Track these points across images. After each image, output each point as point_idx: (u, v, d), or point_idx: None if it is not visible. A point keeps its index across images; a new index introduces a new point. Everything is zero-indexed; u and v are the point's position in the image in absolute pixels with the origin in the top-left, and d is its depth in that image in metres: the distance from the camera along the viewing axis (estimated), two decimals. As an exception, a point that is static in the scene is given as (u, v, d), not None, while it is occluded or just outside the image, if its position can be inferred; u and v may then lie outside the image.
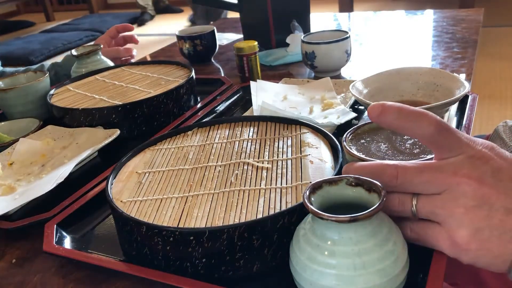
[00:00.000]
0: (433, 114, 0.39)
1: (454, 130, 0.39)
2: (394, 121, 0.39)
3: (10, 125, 0.87)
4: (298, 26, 1.17)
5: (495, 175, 0.36)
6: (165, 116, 0.85)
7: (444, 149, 0.38)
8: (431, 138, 0.39)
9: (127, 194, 0.56)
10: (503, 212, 0.36)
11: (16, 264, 0.56)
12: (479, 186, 0.36)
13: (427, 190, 0.38)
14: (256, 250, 0.47)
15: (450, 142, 0.38)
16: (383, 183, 0.40)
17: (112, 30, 1.18)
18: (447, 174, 0.37)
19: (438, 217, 0.38)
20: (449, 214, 0.37)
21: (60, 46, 4.19)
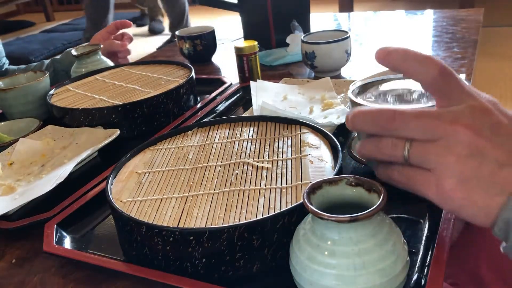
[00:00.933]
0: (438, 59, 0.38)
1: (458, 79, 0.38)
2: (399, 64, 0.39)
3: (10, 125, 0.87)
4: (298, 26, 1.17)
5: (493, 129, 0.36)
6: (165, 116, 0.85)
7: (446, 97, 0.38)
8: (433, 83, 0.38)
9: (127, 194, 0.56)
10: (495, 165, 0.35)
11: (16, 264, 0.56)
12: (476, 137, 0.35)
13: (423, 135, 0.37)
14: (256, 250, 0.47)
15: (452, 89, 0.37)
16: (380, 125, 0.39)
17: (110, 26, 1.18)
18: (445, 122, 0.36)
19: (429, 163, 0.37)
20: (441, 161, 0.36)
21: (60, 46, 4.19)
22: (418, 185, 0.39)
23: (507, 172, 0.35)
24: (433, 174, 0.37)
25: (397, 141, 0.38)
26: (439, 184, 0.37)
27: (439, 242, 0.47)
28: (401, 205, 0.57)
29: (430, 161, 0.37)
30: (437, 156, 0.36)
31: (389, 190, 0.41)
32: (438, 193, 0.37)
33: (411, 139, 0.38)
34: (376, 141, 0.40)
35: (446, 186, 0.36)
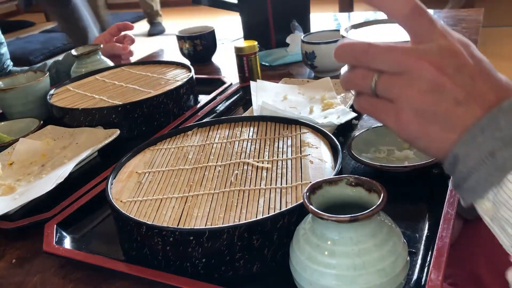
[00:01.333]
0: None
1: (430, 17, 0.39)
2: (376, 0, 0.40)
3: (10, 125, 0.87)
4: (298, 26, 1.17)
5: (457, 69, 0.37)
6: (165, 116, 0.85)
7: (417, 34, 0.39)
8: (405, 20, 0.40)
9: (127, 194, 0.56)
10: (452, 103, 0.37)
11: (16, 264, 0.56)
12: (438, 74, 0.37)
13: (391, 68, 0.39)
14: (256, 250, 0.47)
15: (423, 27, 0.39)
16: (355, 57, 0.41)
17: (113, 28, 1.18)
18: (412, 57, 0.38)
19: (391, 94, 0.39)
20: (402, 93, 0.38)
21: (60, 46, 4.18)
22: (380, 114, 0.41)
23: (462, 110, 0.37)
24: (394, 105, 0.39)
25: (367, 72, 0.40)
26: (398, 115, 0.39)
27: (439, 242, 0.47)
28: (401, 205, 0.57)
29: (393, 92, 0.39)
30: (399, 89, 0.38)
31: (389, 190, 0.41)
32: (396, 123, 0.39)
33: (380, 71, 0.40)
34: (350, 74, 0.42)
35: (403, 117, 0.38)
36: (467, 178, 0.36)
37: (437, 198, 0.55)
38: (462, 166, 0.36)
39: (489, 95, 0.36)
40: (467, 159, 0.36)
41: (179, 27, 1.27)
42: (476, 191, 0.36)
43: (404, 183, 0.62)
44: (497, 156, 0.35)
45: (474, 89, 0.37)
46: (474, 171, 0.36)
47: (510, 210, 0.35)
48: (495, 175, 0.35)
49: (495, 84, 0.37)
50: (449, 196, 0.53)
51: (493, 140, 0.35)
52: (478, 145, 0.35)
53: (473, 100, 0.36)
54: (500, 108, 0.35)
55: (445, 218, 0.50)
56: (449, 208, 0.51)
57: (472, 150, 0.36)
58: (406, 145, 0.66)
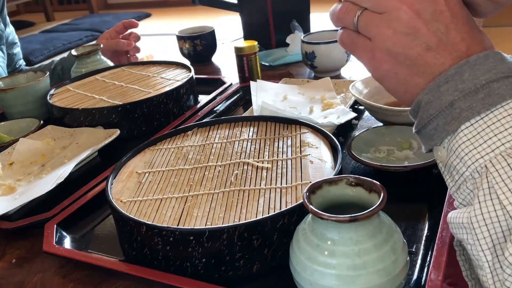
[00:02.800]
0: None
1: None
2: None
3: (10, 125, 0.87)
4: (298, 26, 1.17)
5: (434, 15, 0.38)
6: (165, 116, 0.85)
7: None
8: None
9: (127, 194, 0.56)
10: (423, 47, 0.38)
11: (16, 264, 0.56)
12: (415, 17, 0.38)
13: (373, 7, 0.40)
14: (256, 250, 0.47)
15: None
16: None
17: (119, 25, 1.19)
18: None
19: (370, 32, 0.40)
20: (379, 32, 0.39)
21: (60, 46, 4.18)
22: (358, 50, 0.42)
23: (431, 56, 0.38)
24: (371, 42, 0.40)
25: (352, 7, 0.42)
26: (373, 52, 0.40)
27: (439, 242, 0.47)
28: (401, 205, 0.57)
29: (372, 30, 0.40)
30: (377, 27, 0.40)
31: (389, 190, 0.41)
32: (370, 60, 0.41)
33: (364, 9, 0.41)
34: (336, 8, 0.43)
35: (377, 55, 0.40)
36: (427, 125, 0.38)
37: (437, 198, 0.55)
38: (423, 112, 0.38)
39: (460, 46, 0.38)
40: (429, 106, 0.38)
41: (179, 27, 1.27)
42: (433, 138, 0.38)
43: (404, 183, 0.62)
44: (455, 106, 0.36)
45: (447, 38, 0.38)
46: (433, 119, 0.37)
47: (458, 157, 0.36)
48: (451, 124, 0.36)
49: (469, 36, 0.38)
50: (449, 196, 0.53)
51: (455, 91, 0.36)
52: (440, 94, 0.37)
53: (443, 48, 0.38)
54: (467, 61, 0.37)
55: (445, 218, 0.50)
56: (449, 208, 0.51)
57: (434, 99, 0.37)
58: (406, 145, 0.66)
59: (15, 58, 1.29)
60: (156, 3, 5.68)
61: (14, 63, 1.29)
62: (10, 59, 1.27)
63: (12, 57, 1.28)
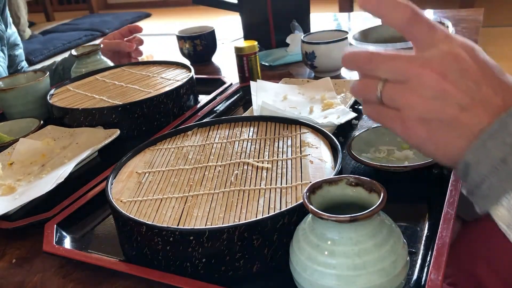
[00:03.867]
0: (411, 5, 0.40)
1: (430, 23, 0.39)
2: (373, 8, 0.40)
3: (10, 125, 0.87)
4: (298, 26, 1.17)
5: (461, 74, 0.37)
6: (165, 116, 0.85)
7: (418, 41, 0.39)
8: (405, 28, 0.40)
9: (127, 194, 0.56)
10: (457, 109, 0.36)
11: (16, 264, 0.56)
12: (441, 80, 0.37)
13: (394, 77, 0.39)
14: (256, 250, 0.47)
15: (424, 34, 0.39)
16: (359, 66, 0.41)
17: (124, 29, 1.20)
18: (415, 65, 0.38)
19: (397, 103, 0.39)
20: (407, 102, 0.38)
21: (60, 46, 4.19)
22: (387, 122, 0.41)
23: (468, 116, 0.36)
24: (400, 113, 0.39)
25: (372, 82, 0.41)
26: (404, 122, 0.39)
27: (439, 242, 0.47)
28: (401, 205, 0.57)
29: (398, 101, 0.39)
30: (404, 97, 0.38)
31: (389, 190, 0.41)
32: (403, 130, 0.40)
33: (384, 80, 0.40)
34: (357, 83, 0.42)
35: (410, 125, 0.39)
36: (480, 185, 0.36)
37: (437, 198, 0.55)
38: (474, 173, 0.36)
39: (494, 100, 0.36)
40: (479, 166, 0.36)
41: (179, 27, 1.27)
42: (490, 198, 0.35)
43: (404, 183, 0.62)
44: (509, 162, 0.34)
45: (479, 94, 0.36)
46: (486, 178, 0.35)
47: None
48: (508, 181, 0.34)
49: (501, 88, 0.37)
50: (449, 196, 0.53)
51: (504, 146, 0.34)
52: (488, 151, 0.35)
53: (478, 105, 0.36)
54: (509, 113, 0.35)
55: (445, 218, 0.50)
56: (449, 208, 0.51)
57: (483, 157, 0.35)
58: (406, 145, 0.66)
59: (17, 59, 1.29)
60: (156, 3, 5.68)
61: (16, 64, 1.29)
62: (12, 61, 1.27)
63: (14, 58, 1.28)
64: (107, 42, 1.15)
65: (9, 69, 1.24)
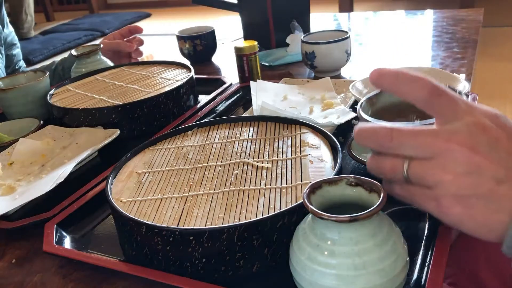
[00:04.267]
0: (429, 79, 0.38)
1: (451, 96, 0.38)
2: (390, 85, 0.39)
3: (10, 125, 0.87)
4: (298, 26, 1.17)
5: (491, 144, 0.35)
6: (165, 116, 0.85)
7: (441, 115, 0.38)
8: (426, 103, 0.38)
9: (127, 194, 0.56)
10: (493, 182, 0.35)
11: (16, 264, 0.56)
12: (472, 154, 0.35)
13: (419, 154, 0.37)
14: (256, 250, 0.47)
15: (446, 107, 0.37)
16: (379, 143, 0.39)
17: (124, 29, 1.20)
18: (441, 140, 0.36)
19: (427, 182, 0.37)
20: (438, 180, 0.37)
21: (60, 46, 4.19)
22: (419, 201, 0.39)
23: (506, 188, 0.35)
24: (432, 191, 0.38)
25: (396, 162, 0.39)
26: (438, 201, 0.37)
27: (439, 242, 0.47)
28: (401, 205, 0.57)
29: (428, 179, 0.37)
30: (434, 175, 0.37)
31: (389, 190, 0.41)
32: (437, 209, 0.38)
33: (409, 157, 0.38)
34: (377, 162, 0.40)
35: (444, 203, 0.37)
36: None
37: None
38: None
39: None
40: None
41: (179, 27, 1.27)
42: None
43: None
44: None
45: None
46: None
47: None
48: None
49: None
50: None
51: None
52: None
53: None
54: None
55: (445, 218, 0.50)
56: (449, 208, 0.51)
57: None
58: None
59: (15, 59, 1.29)
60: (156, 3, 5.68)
61: (14, 64, 1.29)
62: (9, 61, 1.27)
63: (11, 58, 1.28)
64: (107, 42, 1.15)
65: (6, 69, 1.24)
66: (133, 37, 1.20)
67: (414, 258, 0.48)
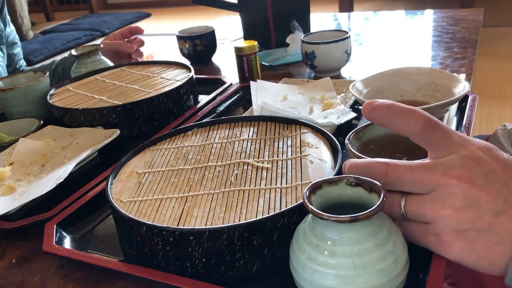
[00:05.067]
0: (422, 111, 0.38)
1: (445, 129, 0.38)
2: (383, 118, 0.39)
3: (10, 125, 0.87)
4: (298, 26, 1.17)
5: (487, 177, 0.35)
6: (165, 116, 0.85)
7: (435, 148, 0.38)
8: (419, 136, 0.38)
9: (127, 194, 0.56)
10: (491, 214, 0.35)
11: (16, 264, 0.56)
12: (469, 187, 0.35)
13: (416, 189, 0.37)
14: (256, 250, 0.47)
15: (440, 140, 0.37)
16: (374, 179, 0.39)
17: (125, 30, 1.20)
18: (437, 174, 0.36)
19: (425, 218, 0.37)
20: (436, 215, 0.36)
21: (60, 46, 4.19)
22: (418, 238, 0.39)
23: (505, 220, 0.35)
24: (431, 226, 0.37)
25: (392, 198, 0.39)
26: (438, 236, 0.37)
27: (439, 242, 0.47)
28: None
29: (427, 215, 0.37)
30: (432, 210, 0.37)
31: (389, 190, 0.41)
32: (437, 245, 0.38)
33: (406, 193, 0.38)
34: None
35: (444, 239, 0.37)
36: None
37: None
38: None
39: None
40: None
41: (179, 27, 1.27)
42: None
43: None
44: None
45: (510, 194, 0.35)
46: None
47: None
48: None
49: None
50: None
51: None
52: None
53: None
54: None
55: (445, 218, 0.50)
56: (449, 208, 0.51)
57: None
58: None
59: (16, 58, 1.29)
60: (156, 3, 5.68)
61: (15, 63, 1.29)
62: (10, 59, 1.27)
63: (12, 57, 1.28)
64: (108, 43, 1.15)
65: (8, 68, 1.25)
66: (134, 37, 1.21)
67: (414, 258, 0.48)
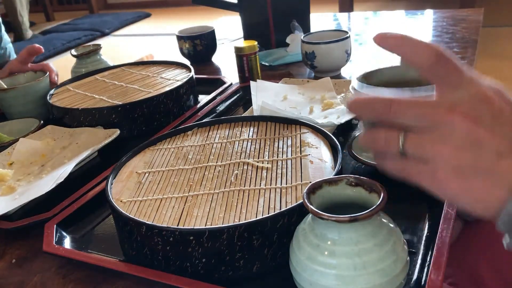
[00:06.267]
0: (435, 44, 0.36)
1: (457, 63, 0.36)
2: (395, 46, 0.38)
3: (10, 125, 0.87)
4: (298, 26, 1.17)
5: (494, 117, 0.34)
6: (165, 116, 0.85)
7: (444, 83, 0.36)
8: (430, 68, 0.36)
9: (127, 194, 0.56)
10: (494, 156, 0.34)
11: (16, 264, 0.56)
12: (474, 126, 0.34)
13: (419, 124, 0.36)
14: (256, 250, 0.47)
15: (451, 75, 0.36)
16: (377, 113, 0.37)
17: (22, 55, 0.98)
18: (443, 110, 0.34)
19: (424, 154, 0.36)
20: (436, 152, 0.35)
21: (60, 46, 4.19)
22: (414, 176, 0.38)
23: (507, 163, 0.34)
24: (428, 165, 0.36)
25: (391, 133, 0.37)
26: (435, 174, 0.36)
27: (439, 242, 0.47)
28: (401, 205, 0.57)
29: (426, 152, 0.36)
30: (432, 147, 0.35)
31: (389, 190, 0.41)
32: (433, 183, 0.36)
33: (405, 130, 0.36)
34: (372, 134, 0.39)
35: (442, 177, 0.35)
36: None
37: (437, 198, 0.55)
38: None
39: None
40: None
41: (179, 27, 1.27)
42: None
43: (404, 183, 0.62)
44: None
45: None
46: None
47: None
48: None
49: None
50: (449, 196, 0.53)
51: None
52: None
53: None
54: None
55: (445, 218, 0.50)
56: (449, 208, 0.51)
57: None
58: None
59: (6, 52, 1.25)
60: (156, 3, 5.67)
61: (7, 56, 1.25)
62: None
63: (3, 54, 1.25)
64: None
65: None
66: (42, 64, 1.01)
67: (414, 258, 0.48)
